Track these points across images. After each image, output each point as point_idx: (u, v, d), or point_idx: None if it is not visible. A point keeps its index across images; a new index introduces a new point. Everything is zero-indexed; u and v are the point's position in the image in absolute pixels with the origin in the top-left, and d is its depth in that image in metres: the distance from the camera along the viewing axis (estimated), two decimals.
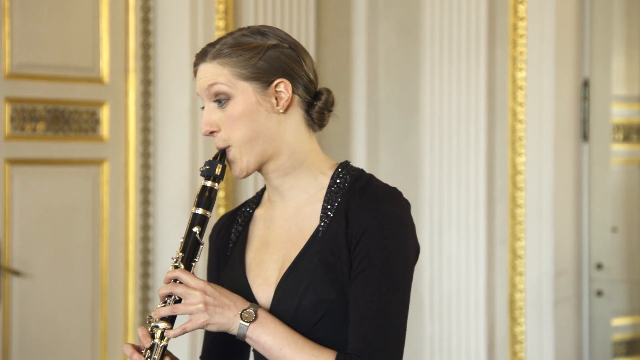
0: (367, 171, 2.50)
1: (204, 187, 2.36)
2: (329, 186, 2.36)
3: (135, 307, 5.50)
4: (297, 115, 2.38)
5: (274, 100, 2.34)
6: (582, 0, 5.85)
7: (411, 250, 2.30)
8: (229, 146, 2.38)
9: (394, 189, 2.33)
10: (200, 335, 5.37)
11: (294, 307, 2.28)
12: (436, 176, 6.03)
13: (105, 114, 5.70)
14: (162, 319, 2.26)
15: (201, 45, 5.50)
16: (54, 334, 5.27)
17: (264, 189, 2.53)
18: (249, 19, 5.73)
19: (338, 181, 2.35)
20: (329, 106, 2.46)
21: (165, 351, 2.28)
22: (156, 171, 5.75)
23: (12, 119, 5.45)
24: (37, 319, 5.30)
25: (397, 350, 2.21)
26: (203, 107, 2.43)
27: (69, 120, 5.66)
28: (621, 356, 6.16)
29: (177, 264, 2.33)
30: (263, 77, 2.35)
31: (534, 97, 5.76)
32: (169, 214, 5.70)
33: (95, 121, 5.72)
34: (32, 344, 5.29)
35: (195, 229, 2.31)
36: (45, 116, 5.58)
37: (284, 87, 2.33)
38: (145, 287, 5.63)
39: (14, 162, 5.43)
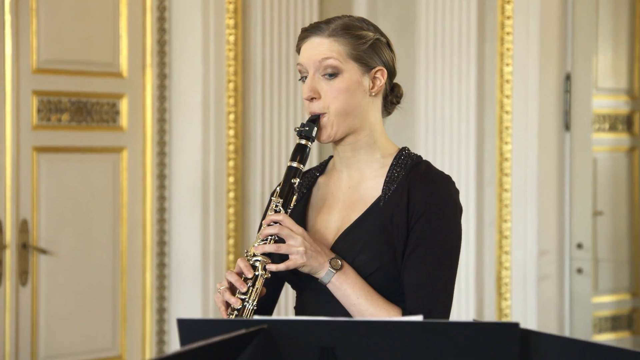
0: None
1: (299, 145, 2.55)
2: (392, 165, 2.58)
3: (152, 283, 5.70)
4: (379, 100, 2.62)
5: (370, 84, 2.58)
6: (565, 0, 6.02)
7: (460, 230, 2.56)
8: (324, 113, 2.57)
9: (449, 176, 2.59)
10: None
11: (350, 260, 2.49)
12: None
13: (124, 105, 5.91)
14: (262, 254, 2.46)
15: (212, 41, 5.89)
16: (77, 307, 5.48)
17: (328, 159, 2.75)
18: (257, 18, 5.95)
19: (400, 162, 2.58)
20: (400, 99, 2.71)
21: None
22: (171, 158, 5.97)
23: (38, 111, 5.66)
24: (61, 294, 5.52)
25: (447, 314, 2.50)
26: (301, 79, 2.64)
27: (91, 111, 5.86)
28: (606, 331, 6.41)
29: (277, 209, 2.52)
30: (368, 62, 2.58)
31: (519, 90, 5.95)
32: (182, 198, 5.93)
33: (115, 112, 5.92)
34: (57, 317, 5.50)
35: (294, 180, 2.52)
36: (69, 108, 5.79)
37: (380, 74, 2.59)
38: (161, 265, 5.86)
39: (40, 149, 5.65)
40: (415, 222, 2.46)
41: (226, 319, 1.84)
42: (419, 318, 1.80)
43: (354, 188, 2.60)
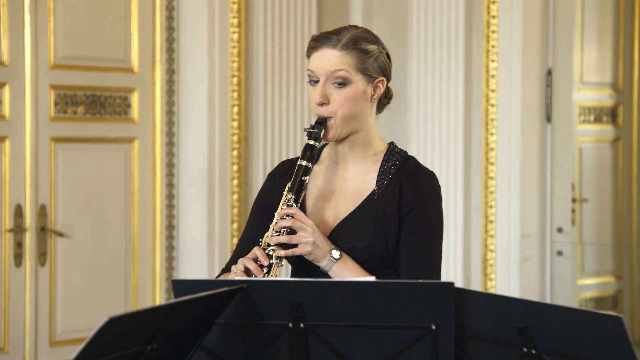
0: None
1: (308, 145, 2.78)
2: (383, 161, 2.83)
3: (161, 264, 5.84)
4: (375, 104, 2.85)
5: (372, 91, 2.81)
6: (547, 1, 6.18)
7: (442, 217, 2.84)
8: (331, 117, 2.76)
9: (433, 172, 2.85)
10: None
11: (348, 247, 2.74)
12: (421, 152, 6.37)
13: (135, 99, 6.05)
14: (276, 244, 2.66)
15: (217, 38, 6.03)
16: (92, 286, 5.64)
17: (321, 148, 2.95)
18: (259, 17, 6.10)
19: (391, 158, 2.84)
20: (390, 100, 2.93)
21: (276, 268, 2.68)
22: (179, 148, 6.12)
23: (56, 104, 5.80)
24: (77, 274, 5.67)
25: None
26: (310, 82, 2.84)
27: (104, 104, 6.01)
28: None
29: (290, 203, 2.74)
30: (373, 74, 2.80)
31: (504, 84, 6.12)
32: (190, 185, 6.08)
33: (126, 105, 6.07)
34: (73, 295, 5.63)
35: (304, 178, 2.74)
36: (84, 101, 5.93)
37: (381, 84, 2.82)
38: (170, 248, 6.01)
39: (57, 140, 5.80)
40: (407, 214, 2.73)
41: (214, 280, 2.15)
42: (370, 279, 2.16)
43: (349, 180, 2.84)
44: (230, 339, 2.06)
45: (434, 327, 2.00)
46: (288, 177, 2.85)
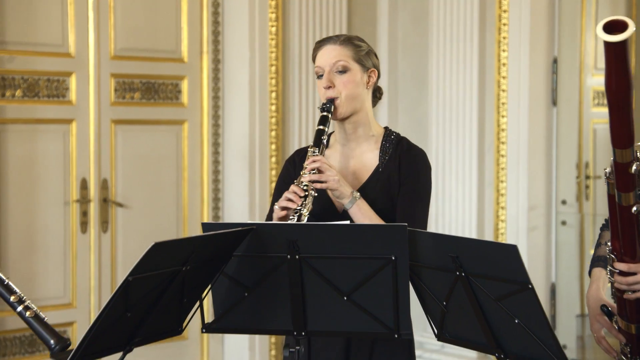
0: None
1: (323, 116, 3.21)
2: (383, 142, 3.34)
3: None
4: (370, 94, 3.36)
5: (366, 79, 3.31)
6: None
7: (431, 182, 3.36)
8: (337, 97, 3.22)
9: (422, 149, 3.37)
10: None
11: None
12: (440, 134, 6.59)
13: (185, 85, 6.35)
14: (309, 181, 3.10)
15: (257, 32, 6.30)
16: None
17: (329, 136, 3.39)
18: (295, 12, 6.38)
19: (388, 139, 3.35)
20: (381, 95, 3.44)
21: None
22: (224, 129, 6.42)
23: (115, 90, 6.09)
24: (134, 239, 6.00)
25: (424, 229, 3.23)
26: (317, 77, 3.28)
27: (158, 90, 6.28)
28: None
29: (315, 153, 3.16)
30: (365, 64, 3.32)
31: (514, 71, 6.32)
32: (233, 162, 6.37)
33: (177, 91, 6.35)
34: (131, 258, 5.86)
35: (323, 137, 3.19)
36: (140, 87, 6.21)
37: (373, 74, 3.34)
38: (215, 217, 6.33)
39: (117, 122, 6.10)
40: (405, 180, 3.29)
41: (231, 223, 2.74)
42: (346, 222, 2.81)
43: (356, 158, 3.35)
44: (245, 267, 2.69)
45: (393, 257, 2.61)
46: (304, 159, 3.29)
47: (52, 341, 2.45)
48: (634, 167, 2.67)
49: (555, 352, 2.46)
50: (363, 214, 3.14)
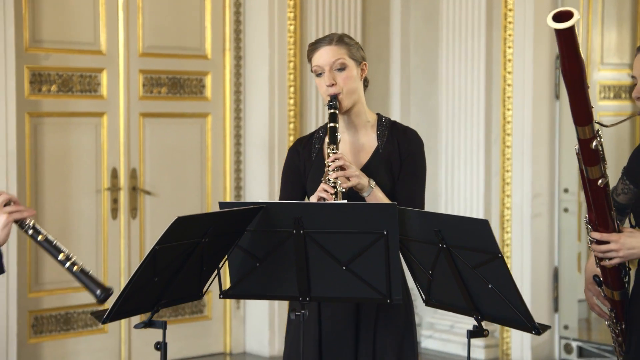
0: (402, 122, 3.57)
1: (332, 113, 3.44)
2: (378, 126, 3.61)
3: None
4: (362, 83, 3.60)
5: (360, 72, 3.56)
6: None
7: (425, 159, 3.59)
8: (339, 93, 3.45)
9: (415, 130, 3.62)
10: None
11: None
12: (449, 125, 6.82)
13: (209, 81, 6.59)
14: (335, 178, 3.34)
15: (277, 31, 6.52)
16: None
17: (324, 125, 3.62)
18: (312, 12, 6.61)
19: (383, 124, 3.62)
20: (368, 84, 3.67)
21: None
22: (245, 121, 6.66)
23: (144, 85, 6.33)
24: (162, 225, 5.72)
25: (422, 207, 3.47)
26: (316, 75, 3.49)
27: (183, 85, 6.51)
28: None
29: (334, 151, 3.35)
30: (358, 60, 3.57)
31: (519, 67, 6.53)
32: (254, 152, 6.61)
33: (202, 86, 6.57)
34: None
35: (337, 134, 3.41)
36: (167, 83, 6.44)
37: (365, 66, 3.59)
38: None
39: (145, 115, 6.35)
40: (405, 159, 3.56)
41: (244, 202, 3.10)
42: (341, 202, 3.16)
43: (356, 142, 3.63)
44: (256, 241, 3.04)
45: (385, 232, 2.95)
46: (308, 148, 3.61)
47: (97, 291, 2.78)
48: (594, 143, 2.93)
49: (523, 314, 2.82)
50: (377, 200, 3.41)
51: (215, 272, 3.02)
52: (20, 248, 5.83)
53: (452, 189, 6.85)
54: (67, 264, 2.79)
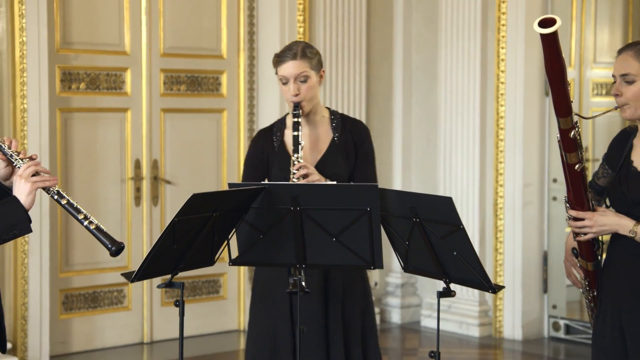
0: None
1: (295, 121, 3.92)
2: (331, 120, 4.15)
3: None
4: (319, 85, 4.14)
5: (318, 79, 4.06)
6: (546, 1, 6.86)
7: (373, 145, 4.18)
8: (302, 100, 3.99)
9: (361, 120, 4.19)
10: None
11: (328, 175, 4.00)
12: (447, 120, 7.16)
13: (224, 79, 6.89)
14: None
15: (288, 33, 6.79)
16: None
17: (282, 119, 4.16)
18: (320, 15, 6.92)
19: (335, 118, 4.15)
20: (321, 84, 4.16)
21: None
22: (258, 117, 6.97)
23: (164, 83, 6.64)
24: None
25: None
26: (282, 83, 3.98)
27: (200, 83, 6.80)
28: None
29: (300, 161, 3.86)
30: (318, 69, 4.06)
31: (511, 66, 6.88)
32: None
33: (217, 84, 6.87)
34: None
35: (300, 142, 3.91)
36: (186, 81, 6.74)
37: (323, 72, 4.09)
38: None
39: (166, 110, 6.67)
40: (359, 148, 4.08)
41: (251, 182, 3.64)
42: (331, 182, 3.68)
43: (314, 135, 4.11)
44: (260, 216, 3.51)
45: (368, 209, 3.44)
46: (270, 140, 4.09)
47: (110, 245, 3.20)
48: (572, 132, 3.29)
49: (481, 276, 3.33)
50: None
51: (225, 242, 3.52)
52: (52, 233, 6.24)
53: (450, 178, 7.19)
54: (85, 223, 3.20)
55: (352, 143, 4.10)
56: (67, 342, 6.50)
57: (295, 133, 3.92)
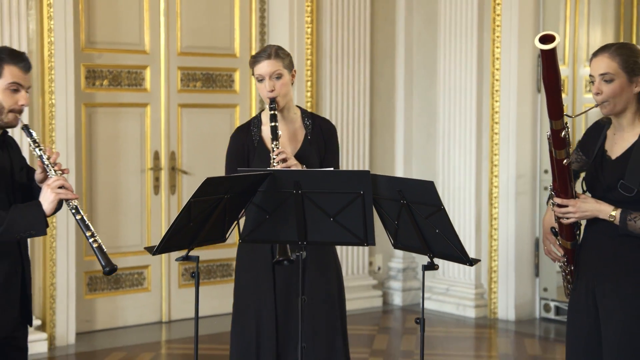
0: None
1: (272, 114, 4.24)
2: (302, 117, 4.44)
3: None
4: (292, 84, 4.40)
5: (291, 78, 4.36)
6: (538, 3, 7.14)
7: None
8: (278, 95, 4.31)
9: (327, 118, 4.52)
10: None
11: (305, 164, 4.33)
12: (446, 115, 7.46)
13: (237, 76, 7.17)
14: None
15: (296, 33, 7.03)
16: None
17: (257, 116, 4.43)
18: (327, 16, 7.18)
19: (305, 115, 4.45)
20: (293, 82, 4.44)
21: None
22: None
23: (181, 80, 6.91)
24: None
25: None
26: (258, 81, 4.24)
27: (215, 80, 7.06)
28: None
29: (278, 147, 4.15)
30: (290, 68, 4.35)
31: (505, 64, 7.18)
32: None
33: (231, 81, 7.13)
34: None
35: (278, 132, 4.21)
36: (201, 77, 7.00)
37: (294, 72, 4.40)
38: None
39: (183, 105, 6.94)
40: (327, 142, 4.43)
41: (258, 168, 4.07)
42: (330, 169, 4.11)
43: (291, 132, 4.42)
44: (266, 199, 3.90)
45: (362, 192, 3.82)
46: (249, 135, 4.34)
47: (104, 264, 3.58)
48: (563, 133, 3.63)
49: (460, 251, 3.76)
50: None
51: (235, 222, 3.96)
52: None
53: (448, 170, 7.48)
54: (90, 240, 3.58)
55: (323, 139, 4.43)
56: (92, 320, 6.82)
57: (273, 124, 4.19)
